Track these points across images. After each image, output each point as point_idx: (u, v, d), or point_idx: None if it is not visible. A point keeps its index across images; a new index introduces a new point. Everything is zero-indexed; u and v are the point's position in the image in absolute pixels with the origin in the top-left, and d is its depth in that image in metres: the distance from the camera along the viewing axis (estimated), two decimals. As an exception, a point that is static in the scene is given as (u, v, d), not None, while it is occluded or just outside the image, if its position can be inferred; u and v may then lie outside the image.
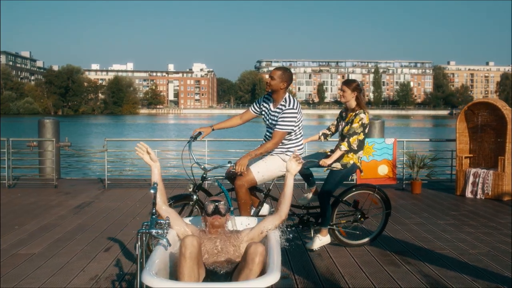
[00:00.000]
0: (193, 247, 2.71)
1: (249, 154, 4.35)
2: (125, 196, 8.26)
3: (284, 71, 4.52)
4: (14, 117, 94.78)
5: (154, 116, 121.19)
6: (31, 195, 8.36)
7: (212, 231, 3.32)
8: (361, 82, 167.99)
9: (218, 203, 3.34)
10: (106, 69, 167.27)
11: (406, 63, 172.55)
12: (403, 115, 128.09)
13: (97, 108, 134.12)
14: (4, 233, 5.77)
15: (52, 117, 11.23)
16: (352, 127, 4.94)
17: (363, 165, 9.07)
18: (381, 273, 4.46)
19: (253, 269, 2.69)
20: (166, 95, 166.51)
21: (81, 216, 6.73)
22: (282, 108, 4.45)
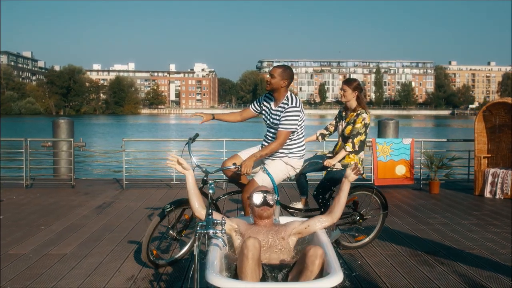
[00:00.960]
0: (255, 249, 2.76)
1: (254, 155, 4.17)
2: (144, 196, 8.26)
3: (284, 68, 4.34)
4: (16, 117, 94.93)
5: (156, 116, 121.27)
6: (50, 195, 8.36)
7: (260, 222, 3.35)
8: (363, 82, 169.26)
9: (267, 194, 3.34)
10: (108, 69, 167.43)
11: (408, 63, 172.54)
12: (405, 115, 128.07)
13: (99, 108, 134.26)
14: (31, 233, 5.78)
15: (67, 117, 11.23)
16: (355, 127, 4.89)
17: (381, 165, 9.23)
18: (416, 272, 4.46)
19: (313, 270, 2.75)
20: (167, 95, 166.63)
21: (104, 216, 6.73)
22: (284, 107, 4.27)
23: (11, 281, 4.16)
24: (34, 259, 4.78)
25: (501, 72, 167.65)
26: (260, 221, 3.35)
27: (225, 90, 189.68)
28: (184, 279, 4.24)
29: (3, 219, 6.52)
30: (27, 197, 8.12)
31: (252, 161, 4.12)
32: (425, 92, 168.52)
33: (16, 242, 5.36)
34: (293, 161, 4.38)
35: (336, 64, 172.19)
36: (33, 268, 4.49)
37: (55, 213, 6.90)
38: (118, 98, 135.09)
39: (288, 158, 4.37)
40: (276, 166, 4.35)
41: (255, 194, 3.35)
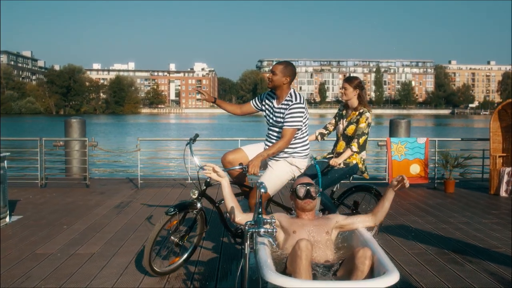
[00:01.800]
0: (308, 250, 2.81)
1: (260, 155, 4.02)
2: (161, 196, 8.25)
3: (286, 65, 4.19)
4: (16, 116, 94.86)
5: (156, 116, 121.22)
6: (66, 194, 8.35)
7: (303, 215, 3.37)
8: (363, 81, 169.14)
9: (310, 186, 3.34)
10: (108, 69, 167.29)
11: (408, 62, 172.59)
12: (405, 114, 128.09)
13: (99, 107, 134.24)
14: (54, 232, 5.77)
15: (79, 117, 11.24)
16: (359, 127, 4.77)
17: (395, 164, 9.23)
18: (447, 271, 4.46)
19: (364, 271, 2.79)
20: (167, 94, 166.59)
21: (125, 215, 6.73)
22: (288, 104, 4.13)
23: (44, 280, 4.16)
24: (63, 258, 4.77)
25: (501, 71, 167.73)
26: (303, 214, 3.37)
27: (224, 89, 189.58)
28: (217, 278, 4.24)
29: (24, 218, 6.52)
30: (44, 197, 8.11)
31: (259, 161, 3.98)
32: (425, 92, 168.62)
33: (42, 242, 5.36)
34: (297, 161, 4.25)
35: (336, 63, 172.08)
36: (64, 268, 4.49)
37: (74, 212, 6.89)
38: (118, 97, 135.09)
39: (292, 158, 4.23)
40: (281, 167, 4.22)
41: (298, 186, 3.34)
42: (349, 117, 4.88)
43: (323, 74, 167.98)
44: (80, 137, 10.79)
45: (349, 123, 4.85)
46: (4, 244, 5.29)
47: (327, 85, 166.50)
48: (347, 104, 4.97)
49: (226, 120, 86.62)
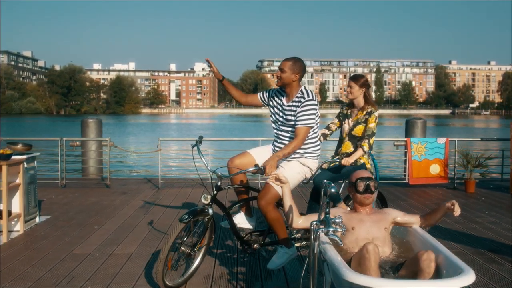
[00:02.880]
0: (376, 253, 2.85)
1: (276, 155, 3.81)
2: (184, 196, 8.25)
3: (294, 61, 3.99)
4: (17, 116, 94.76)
5: (157, 116, 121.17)
6: (88, 194, 8.35)
7: (361, 209, 3.38)
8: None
9: (370, 181, 3.34)
10: (108, 69, 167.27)
11: (408, 63, 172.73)
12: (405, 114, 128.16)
13: (99, 107, 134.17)
14: (87, 233, 5.77)
15: (96, 117, 11.25)
16: (369, 127, 4.65)
17: (415, 164, 9.23)
18: (488, 271, 4.46)
19: (430, 272, 2.82)
20: (168, 94, 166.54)
21: (152, 216, 6.73)
22: (301, 101, 3.92)
23: (89, 281, 4.16)
24: (102, 258, 4.77)
25: (501, 72, 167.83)
26: (361, 208, 3.38)
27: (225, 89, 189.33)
28: (262, 278, 4.24)
29: (52, 218, 6.52)
30: (66, 197, 8.10)
31: (276, 161, 3.77)
32: (425, 92, 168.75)
33: (77, 242, 5.36)
34: (309, 161, 4.07)
35: (336, 63, 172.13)
36: (106, 268, 4.49)
37: (102, 213, 6.89)
38: (119, 97, 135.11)
39: (305, 159, 4.04)
40: (294, 167, 4.02)
41: (358, 181, 3.35)
42: (356, 117, 4.73)
43: (324, 74, 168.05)
44: (97, 137, 10.80)
45: (356, 123, 4.71)
46: (39, 244, 5.29)
47: (328, 85, 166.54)
48: (353, 103, 4.82)
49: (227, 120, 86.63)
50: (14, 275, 4.28)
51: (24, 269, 4.45)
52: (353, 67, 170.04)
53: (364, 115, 4.69)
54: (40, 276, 4.27)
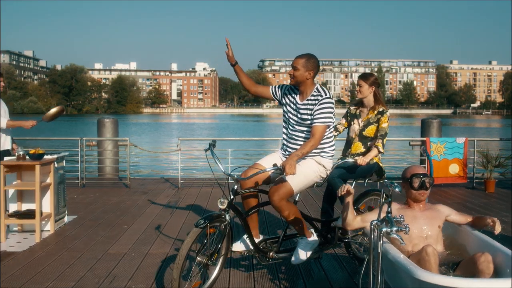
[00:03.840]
0: (435, 255, 2.88)
1: (295, 154, 3.65)
2: (205, 196, 8.25)
3: (308, 58, 3.83)
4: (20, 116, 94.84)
5: (159, 115, 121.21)
6: (109, 194, 8.35)
7: (414, 205, 3.38)
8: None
9: (425, 177, 3.33)
10: (110, 69, 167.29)
11: (409, 62, 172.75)
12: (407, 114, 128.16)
13: (101, 107, 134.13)
14: (118, 232, 5.78)
15: (112, 116, 11.25)
16: (382, 127, 4.49)
17: (435, 164, 9.23)
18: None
19: (490, 273, 2.83)
20: (169, 94, 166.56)
21: (179, 215, 6.73)
22: (318, 99, 3.79)
23: (132, 280, 4.16)
24: (139, 258, 4.77)
25: (502, 71, 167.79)
26: (415, 204, 3.37)
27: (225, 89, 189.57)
28: (303, 277, 4.25)
29: (79, 218, 6.53)
30: (88, 197, 8.10)
31: (295, 160, 3.61)
32: (426, 91, 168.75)
33: (109, 242, 5.36)
34: (325, 161, 3.93)
35: (338, 63, 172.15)
36: (146, 267, 4.49)
37: (127, 212, 6.90)
38: (120, 97, 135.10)
39: (320, 158, 3.91)
40: (309, 165, 3.87)
41: (413, 177, 3.34)
42: (366, 117, 4.58)
43: (325, 74, 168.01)
44: (113, 136, 10.81)
45: (367, 123, 4.55)
46: (72, 244, 5.29)
47: (329, 85, 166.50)
48: (362, 102, 4.66)
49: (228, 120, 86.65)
50: (55, 275, 4.29)
51: (63, 268, 4.45)
52: (355, 67, 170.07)
53: (376, 114, 4.54)
54: (81, 276, 4.27)
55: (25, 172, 5.81)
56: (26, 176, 5.82)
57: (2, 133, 6.04)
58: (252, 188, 3.90)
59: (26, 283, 4.08)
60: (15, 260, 4.71)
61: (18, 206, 5.83)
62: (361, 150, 4.57)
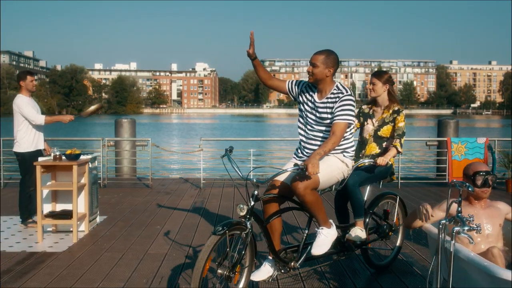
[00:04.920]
0: (501, 256, 2.90)
1: (317, 153, 3.42)
2: (229, 195, 8.27)
3: (327, 54, 3.63)
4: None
5: (159, 116, 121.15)
6: (133, 194, 8.36)
7: (475, 202, 3.38)
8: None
9: (488, 175, 3.32)
10: (110, 69, 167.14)
11: (409, 62, 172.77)
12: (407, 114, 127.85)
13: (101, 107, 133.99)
14: (152, 233, 5.78)
15: (130, 117, 11.25)
16: (399, 126, 4.29)
17: (455, 164, 9.26)
18: None
19: None
20: (169, 94, 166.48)
21: (209, 215, 6.75)
22: (339, 96, 3.60)
23: (181, 280, 4.17)
24: (181, 258, 4.78)
25: (502, 71, 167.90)
26: (476, 201, 3.38)
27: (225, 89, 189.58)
28: (349, 276, 4.25)
29: (110, 219, 6.53)
30: (112, 197, 8.10)
31: (317, 159, 3.38)
32: (426, 91, 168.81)
33: (146, 242, 5.36)
34: (347, 160, 3.77)
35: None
36: (190, 268, 4.49)
37: (156, 212, 6.90)
38: (121, 97, 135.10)
39: (343, 156, 3.75)
40: (333, 162, 3.69)
41: (477, 175, 3.33)
42: (381, 116, 4.37)
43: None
44: (131, 136, 10.82)
45: (382, 123, 4.34)
46: (110, 244, 5.30)
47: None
48: (375, 101, 4.44)
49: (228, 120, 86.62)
50: (101, 275, 4.29)
51: (108, 269, 4.46)
52: (355, 67, 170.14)
53: (391, 114, 4.33)
54: (128, 276, 4.28)
55: (59, 172, 5.82)
56: (60, 177, 5.83)
57: (36, 132, 6.06)
58: (273, 193, 3.66)
59: (75, 283, 4.09)
60: (58, 260, 4.72)
61: (52, 206, 5.84)
62: (376, 151, 4.37)
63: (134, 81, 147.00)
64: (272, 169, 4.55)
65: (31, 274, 4.30)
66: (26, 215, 6.05)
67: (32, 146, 6.01)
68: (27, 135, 5.99)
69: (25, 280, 4.16)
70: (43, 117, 5.96)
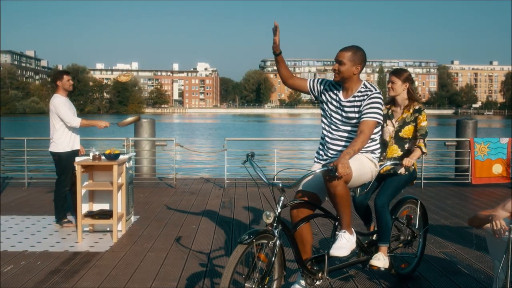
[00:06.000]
0: None
1: (347, 153, 3.22)
2: (255, 195, 8.27)
3: (354, 51, 3.47)
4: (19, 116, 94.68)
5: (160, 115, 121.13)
6: (158, 194, 8.36)
7: None
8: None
9: None
10: (111, 69, 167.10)
11: (411, 63, 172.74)
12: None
13: (103, 107, 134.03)
14: (190, 233, 5.79)
15: (150, 117, 11.26)
16: (422, 126, 4.09)
17: (478, 164, 9.27)
18: None
19: None
20: (171, 94, 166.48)
21: (240, 214, 6.77)
22: (367, 93, 3.43)
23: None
24: (226, 258, 4.78)
25: (503, 72, 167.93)
26: None
27: (226, 89, 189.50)
28: (392, 278, 4.26)
29: (142, 218, 6.54)
30: (139, 197, 8.08)
31: (347, 159, 3.18)
32: (428, 91, 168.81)
33: (187, 242, 5.37)
34: (375, 161, 3.59)
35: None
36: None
37: (187, 212, 6.92)
38: (122, 97, 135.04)
39: (371, 156, 3.57)
40: (364, 160, 3.50)
41: None
42: (401, 116, 4.16)
43: (327, 74, 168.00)
44: (150, 136, 10.83)
45: (403, 124, 4.14)
46: (150, 243, 5.31)
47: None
48: (394, 101, 4.24)
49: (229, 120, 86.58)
50: (152, 275, 4.30)
51: (156, 268, 4.47)
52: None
53: (412, 113, 4.13)
54: (180, 276, 4.29)
55: (96, 172, 5.83)
56: (97, 177, 5.85)
57: (73, 133, 6.07)
58: (299, 200, 3.46)
59: (128, 283, 4.10)
60: (104, 260, 4.73)
61: (89, 206, 5.85)
62: (398, 153, 4.16)
63: (135, 81, 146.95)
64: (295, 172, 4.50)
65: (81, 274, 4.31)
66: (61, 215, 6.06)
67: (69, 146, 6.01)
68: (64, 135, 5.99)
69: (76, 279, 4.17)
70: (79, 120, 5.96)
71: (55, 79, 6.08)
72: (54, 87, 6.09)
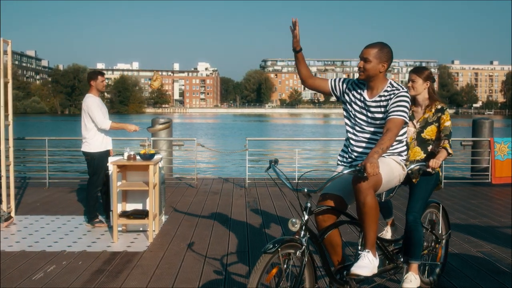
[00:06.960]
0: None
1: (375, 151, 3.01)
2: (279, 195, 8.28)
3: (381, 47, 3.31)
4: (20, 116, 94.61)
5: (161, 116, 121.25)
6: (181, 194, 8.38)
7: None
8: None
9: None
10: (112, 68, 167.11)
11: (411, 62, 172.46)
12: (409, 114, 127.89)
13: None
14: (223, 233, 5.80)
15: (167, 117, 11.25)
16: (446, 126, 3.91)
17: (498, 164, 9.29)
18: None
19: None
20: (171, 94, 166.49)
21: (269, 215, 6.77)
22: (394, 92, 3.25)
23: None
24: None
25: (504, 71, 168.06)
26: None
27: (226, 89, 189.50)
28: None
29: (172, 218, 6.56)
30: (162, 197, 8.12)
31: (376, 158, 2.96)
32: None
33: (222, 242, 5.38)
34: (403, 164, 3.42)
35: (340, 63, 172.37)
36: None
37: (215, 212, 6.94)
38: (123, 97, 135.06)
39: (399, 158, 3.40)
40: (391, 163, 3.33)
41: None
42: (422, 117, 3.97)
43: (327, 74, 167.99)
44: (167, 136, 10.83)
45: (425, 124, 3.95)
46: (185, 243, 5.32)
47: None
48: (415, 101, 4.04)
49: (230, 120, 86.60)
50: (197, 274, 4.31)
51: (199, 268, 4.48)
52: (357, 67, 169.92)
53: (434, 113, 3.95)
54: (223, 276, 4.30)
55: (129, 172, 5.84)
56: (130, 176, 5.86)
57: (105, 133, 6.08)
58: (326, 205, 3.26)
59: (175, 282, 4.12)
60: (145, 260, 4.74)
61: (123, 206, 5.86)
62: (421, 156, 3.97)
63: (136, 80, 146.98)
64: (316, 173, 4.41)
65: (125, 274, 4.32)
66: (93, 215, 6.08)
67: (102, 146, 6.03)
68: (97, 135, 6.00)
69: (122, 279, 4.19)
70: (109, 123, 5.96)
71: (89, 79, 6.10)
72: (88, 87, 6.10)
